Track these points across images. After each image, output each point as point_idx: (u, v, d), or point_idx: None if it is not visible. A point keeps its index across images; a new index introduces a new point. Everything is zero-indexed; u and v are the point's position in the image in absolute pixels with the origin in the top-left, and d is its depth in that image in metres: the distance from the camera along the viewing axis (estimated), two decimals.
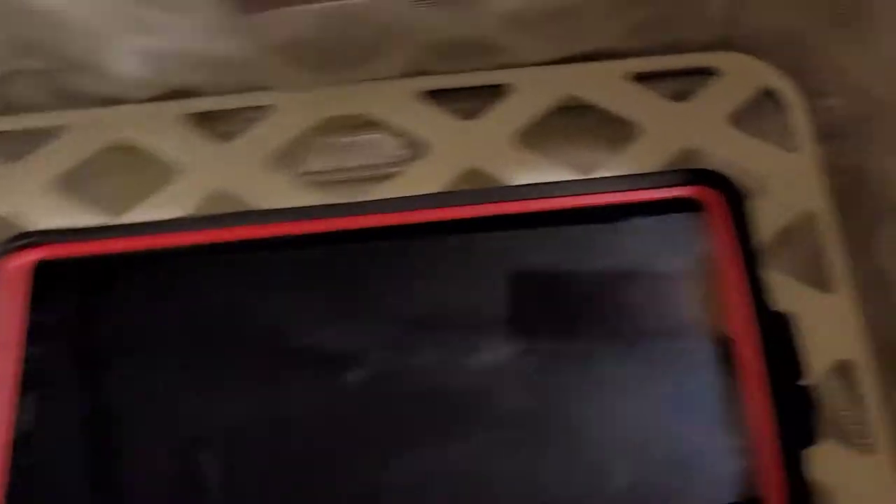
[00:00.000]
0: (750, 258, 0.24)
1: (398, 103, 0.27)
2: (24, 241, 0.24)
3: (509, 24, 0.26)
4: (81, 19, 0.25)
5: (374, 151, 0.28)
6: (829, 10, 0.26)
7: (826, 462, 0.23)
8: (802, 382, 0.23)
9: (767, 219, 0.26)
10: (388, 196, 0.25)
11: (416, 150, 0.28)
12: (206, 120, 0.28)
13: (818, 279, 0.26)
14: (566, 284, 0.24)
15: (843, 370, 0.25)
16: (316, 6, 0.25)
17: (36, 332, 0.23)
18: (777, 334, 0.23)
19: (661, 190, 0.24)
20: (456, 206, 0.24)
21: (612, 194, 0.24)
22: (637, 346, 0.23)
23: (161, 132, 0.27)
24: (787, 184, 0.26)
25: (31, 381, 0.23)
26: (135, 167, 0.27)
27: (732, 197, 0.24)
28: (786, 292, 0.25)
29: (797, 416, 0.22)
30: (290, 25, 0.25)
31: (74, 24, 0.25)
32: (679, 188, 0.24)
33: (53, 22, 0.25)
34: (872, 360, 0.24)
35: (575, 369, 0.23)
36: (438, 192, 0.25)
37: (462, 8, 0.25)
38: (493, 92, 0.28)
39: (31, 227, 0.25)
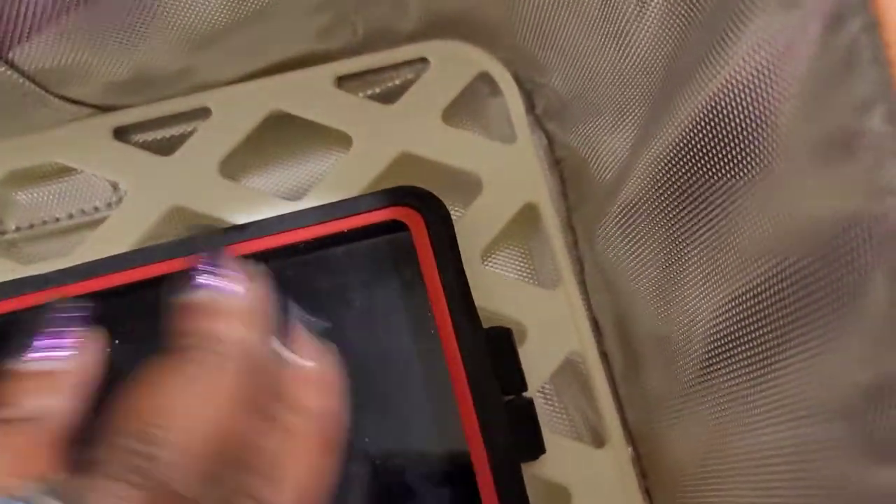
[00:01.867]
0: (455, 277, 0.23)
1: (87, 146, 0.25)
2: None
3: (189, 46, 0.24)
4: None
5: (78, 198, 0.26)
6: None
7: (561, 461, 0.23)
8: (524, 394, 0.22)
9: (489, 216, 0.25)
10: (91, 250, 0.23)
11: (116, 193, 0.26)
12: None
13: (542, 275, 0.25)
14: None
15: (573, 364, 0.24)
16: None
17: None
18: (495, 349, 0.22)
19: (364, 215, 0.23)
20: (161, 261, 0.23)
21: (315, 227, 0.23)
22: (354, 378, 0.22)
23: None
24: (507, 178, 0.25)
25: None
26: None
27: (434, 215, 0.23)
28: (510, 293, 0.24)
29: (518, 429, 0.22)
30: None
31: None
32: (383, 210, 0.23)
33: None
34: (601, 349, 0.24)
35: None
36: (139, 250, 0.23)
37: (133, 41, 0.23)
38: (198, 114, 0.26)
39: None
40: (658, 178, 0.21)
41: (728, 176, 0.18)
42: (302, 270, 0.23)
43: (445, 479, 0.22)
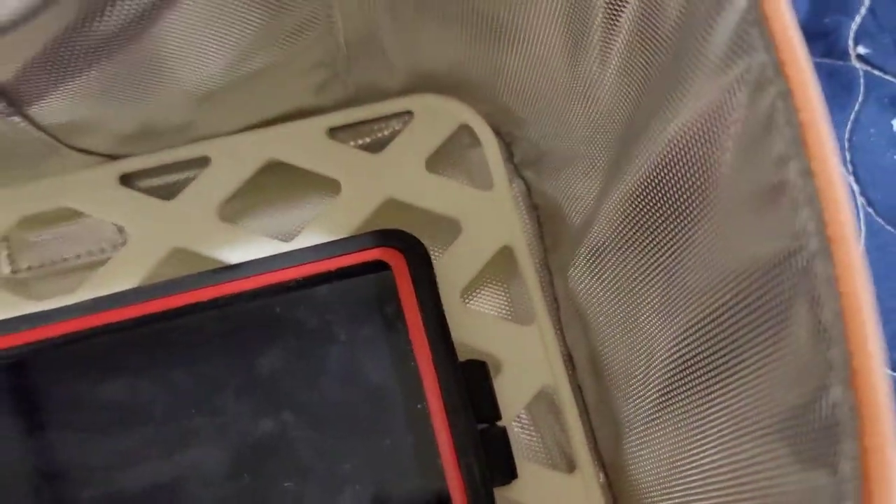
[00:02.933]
0: (433, 313, 0.24)
1: (96, 192, 0.27)
2: None
3: (192, 102, 0.26)
4: None
5: (87, 240, 0.28)
6: (482, 31, 0.26)
7: (533, 485, 0.24)
8: (499, 423, 0.24)
9: (468, 258, 0.27)
10: (96, 287, 0.25)
11: (120, 236, 0.28)
12: None
13: (519, 312, 0.27)
14: (261, 364, 0.24)
15: (547, 395, 0.26)
16: None
17: None
18: (472, 381, 0.24)
19: (350, 255, 0.25)
20: (155, 299, 0.25)
21: (304, 266, 0.25)
22: (339, 406, 0.24)
23: None
24: (485, 222, 0.27)
25: None
26: None
27: (415, 256, 0.25)
28: (488, 328, 0.26)
29: (492, 455, 0.24)
30: None
31: None
32: (368, 251, 0.25)
33: None
34: (572, 382, 0.26)
35: (276, 449, 0.23)
36: (136, 289, 0.25)
37: (141, 98, 0.25)
38: (199, 162, 0.28)
39: None
40: (619, 222, 0.23)
41: (678, 221, 0.20)
42: (291, 306, 0.25)
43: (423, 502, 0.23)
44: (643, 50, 0.20)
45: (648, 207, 0.21)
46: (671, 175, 0.20)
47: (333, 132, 0.28)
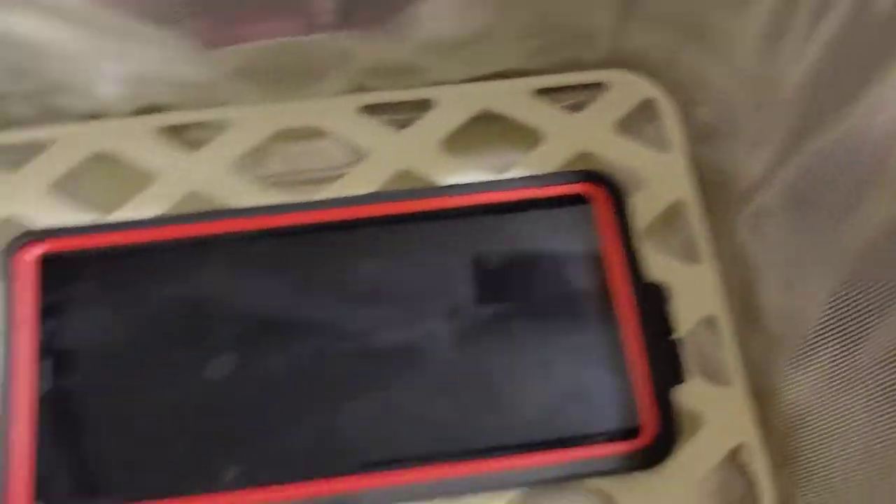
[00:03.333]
0: (628, 240, 0.30)
1: (341, 116, 0.33)
2: (30, 238, 0.29)
3: (430, 50, 0.31)
4: (63, 49, 0.29)
5: (322, 157, 0.33)
6: (691, 28, 0.32)
7: (694, 394, 0.29)
8: (672, 337, 0.29)
9: (647, 207, 0.32)
10: (334, 195, 0.30)
11: (357, 155, 0.33)
12: (175, 131, 0.33)
13: (689, 254, 0.32)
14: (484, 263, 0.29)
15: (709, 323, 0.31)
16: (266, 42, 0.30)
17: (47, 312, 0.28)
18: (652, 300, 0.29)
19: (557, 187, 0.30)
20: (393, 202, 0.30)
21: (518, 191, 0.30)
22: (541, 311, 0.29)
23: (138, 143, 0.32)
24: (662, 179, 0.32)
25: (47, 350, 0.27)
26: (116, 174, 0.32)
27: (614, 192, 0.30)
28: (662, 265, 0.31)
29: (668, 362, 0.28)
30: (244, 56, 0.29)
31: (58, 53, 0.30)
32: (571, 185, 0.30)
33: (40, 52, 0.29)
34: (731, 315, 0.31)
35: (493, 330, 0.28)
36: (377, 192, 0.31)
37: (390, 38, 0.30)
38: (421, 105, 0.34)
39: (33, 227, 0.30)
40: (789, 189, 0.28)
41: (851, 188, 0.25)
42: (507, 221, 0.30)
43: (612, 399, 0.28)
44: (852, 33, 0.25)
45: (817, 182, 0.26)
46: (853, 146, 0.25)
47: (538, 93, 0.34)
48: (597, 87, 0.34)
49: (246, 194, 0.31)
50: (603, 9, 0.31)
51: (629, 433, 0.28)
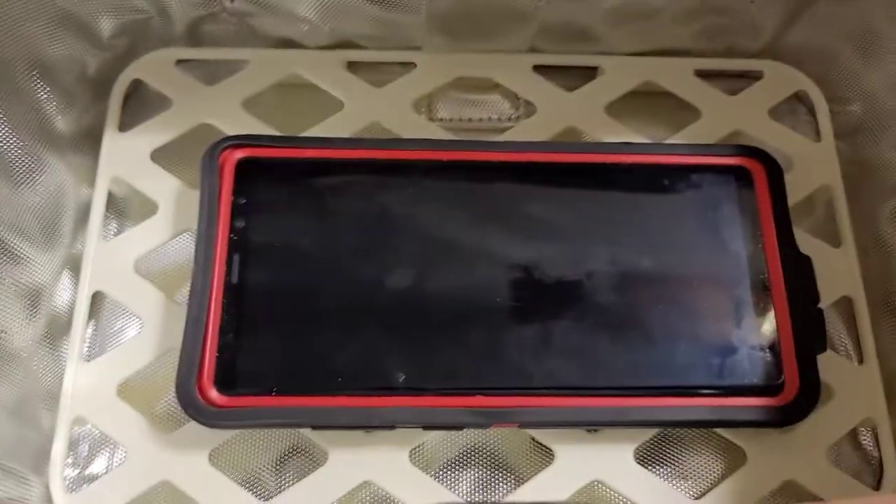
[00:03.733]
0: (783, 214, 0.31)
1: (515, 73, 0.35)
2: (230, 143, 0.31)
3: (610, 19, 0.33)
4: None
5: (493, 108, 0.35)
6: (853, 34, 0.34)
7: (830, 368, 0.31)
8: (818, 306, 0.30)
9: (794, 189, 0.33)
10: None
11: (526, 110, 0.35)
12: (361, 67, 0.35)
13: (830, 237, 0.33)
14: (647, 218, 0.31)
15: (846, 303, 0.32)
16: None
17: (239, 212, 0.30)
18: (800, 269, 0.31)
19: (721, 157, 0.32)
20: (567, 153, 0.32)
21: (684, 156, 0.32)
22: (697, 267, 0.31)
23: (327, 73, 0.34)
24: (810, 164, 0.34)
25: (237, 245, 0.29)
26: (302, 100, 0.34)
27: (773, 169, 0.32)
28: (806, 244, 0.32)
29: (812, 329, 0.30)
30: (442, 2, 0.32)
31: None
32: (734, 158, 0.32)
33: None
34: (867, 298, 0.32)
35: (650, 279, 0.30)
36: (553, 141, 0.33)
37: (581, 2, 0.32)
38: (588, 73, 0.36)
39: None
40: None
41: None
42: (673, 182, 0.32)
43: (758, 356, 0.30)
44: None
45: None
46: None
47: (698, 73, 0.36)
48: (750, 74, 0.36)
49: (423, 132, 0.33)
50: (776, 5, 0.33)
51: (770, 390, 0.29)
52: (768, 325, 0.30)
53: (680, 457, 0.31)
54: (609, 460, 0.29)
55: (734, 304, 0.30)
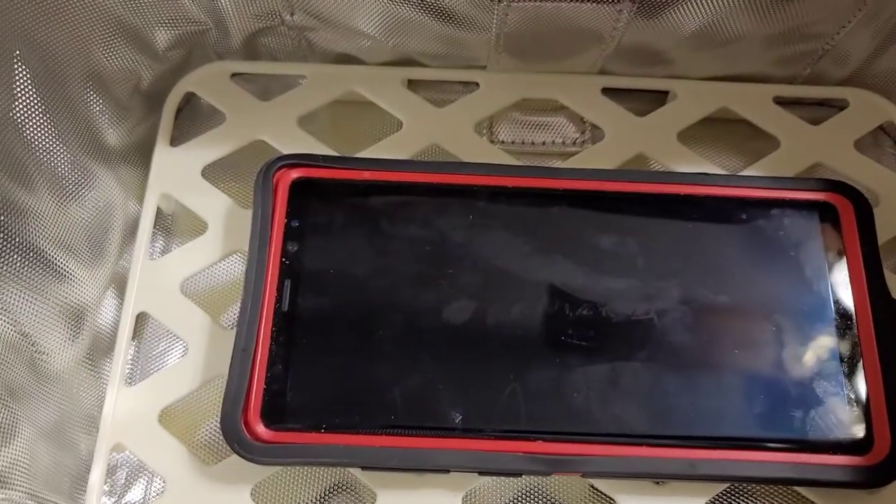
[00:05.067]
0: (872, 255, 0.29)
1: (583, 95, 0.33)
2: (285, 162, 0.29)
3: (687, 43, 0.32)
4: None
5: (557, 132, 0.34)
6: None
7: None
8: None
9: (881, 228, 0.31)
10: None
11: (592, 135, 0.33)
12: (419, 86, 0.33)
13: None
14: (723, 254, 0.29)
15: None
16: (535, 3, 0.30)
17: (293, 234, 0.29)
18: (891, 316, 0.28)
19: (804, 192, 0.30)
20: (638, 182, 0.30)
21: (764, 190, 0.30)
22: (778, 310, 0.28)
23: (386, 91, 0.33)
24: None
25: (289, 270, 0.28)
26: (359, 118, 0.33)
27: (861, 206, 0.30)
28: (894, 286, 0.30)
29: None
30: (518, 17, 0.30)
31: None
32: (819, 193, 0.30)
33: None
34: None
35: (727, 321, 0.28)
36: (626, 169, 0.31)
37: (656, 23, 0.30)
38: (659, 97, 0.34)
39: (280, 153, 0.31)
40: None
41: None
42: (748, 219, 0.30)
43: (843, 410, 0.27)
44: None
45: None
46: None
47: (776, 100, 0.33)
48: (832, 103, 0.34)
49: (484, 154, 0.32)
50: (867, 31, 0.31)
51: (858, 447, 0.27)
52: (856, 376, 0.28)
53: None
54: None
55: (818, 352, 0.28)
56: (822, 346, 0.28)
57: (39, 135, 0.26)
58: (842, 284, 0.29)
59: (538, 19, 0.29)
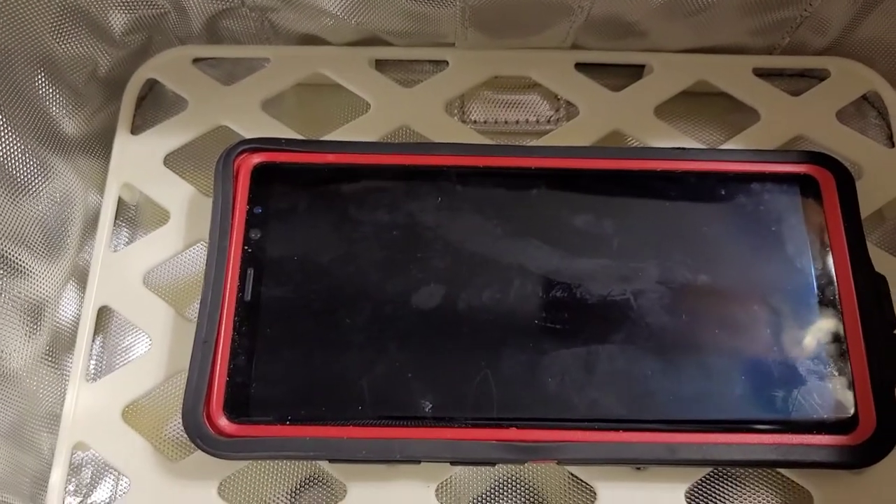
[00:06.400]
0: (855, 228, 0.28)
1: (556, 71, 0.32)
2: (246, 147, 0.29)
3: (660, 13, 0.30)
4: None
5: (531, 110, 0.33)
6: None
7: None
8: (895, 331, 0.27)
9: (863, 200, 0.30)
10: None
11: (567, 112, 0.32)
12: (388, 65, 0.32)
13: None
14: (702, 230, 0.28)
15: None
16: None
17: (255, 221, 0.28)
18: (874, 290, 0.27)
19: (785, 165, 0.29)
20: (612, 158, 0.29)
21: (744, 163, 0.29)
22: (758, 287, 0.27)
23: (352, 72, 0.32)
24: (881, 173, 0.31)
25: (252, 258, 0.27)
26: (326, 101, 0.32)
27: (844, 178, 0.29)
28: (878, 261, 0.29)
29: (889, 356, 0.27)
30: None
31: None
32: (800, 165, 0.29)
33: None
34: None
35: (705, 299, 0.27)
36: (599, 147, 0.30)
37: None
38: (634, 71, 0.33)
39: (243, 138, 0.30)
40: None
41: None
42: (728, 194, 0.29)
43: (827, 388, 0.26)
44: None
45: None
46: None
47: (756, 72, 0.32)
48: (814, 73, 0.33)
49: (452, 136, 0.31)
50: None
51: (842, 427, 0.26)
52: (839, 353, 0.27)
53: (737, 498, 0.28)
54: (657, 501, 0.26)
55: (800, 329, 0.27)
56: (805, 324, 0.27)
57: None
58: (824, 260, 0.28)
59: None
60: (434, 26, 0.31)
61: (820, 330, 0.27)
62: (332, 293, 0.27)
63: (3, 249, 0.26)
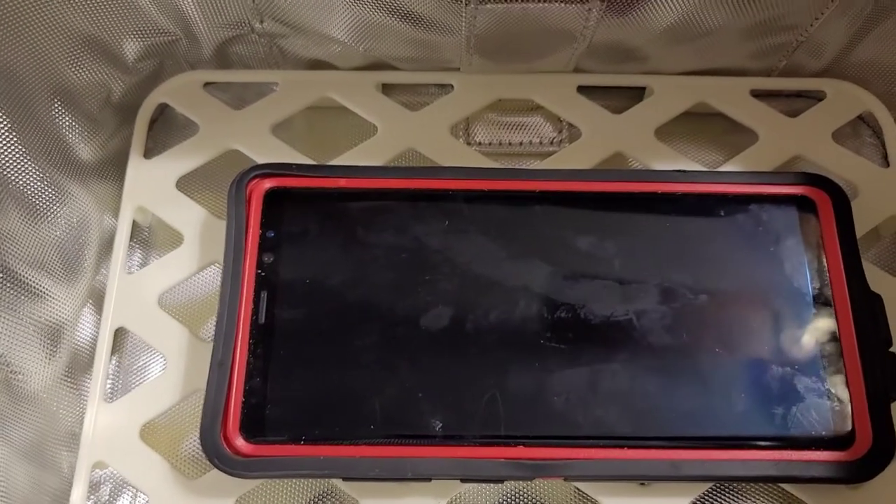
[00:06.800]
0: (851, 248, 0.29)
1: (558, 94, 0.33)
2: (258, 172, 0.29)
3: (662, 39, 0.31)
4: None
5: (534, 132, 0.33)
6: None
7: None
8: (890, 349, 0.28)
9: (859, 219, 0.31)
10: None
11: (569, 134, 0.33)
12: (393, 89, 0.33)
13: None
14: (701, 252, 0.29)
15: None
16: (503, 6, 0.30)
17: (268, 245, 0.28)
18: (870, 309, 0.28)
19: (782, 186, 0.30)
20: (614, 181, 0.30)
21: (741, 185, 0.30)
22: (756, 307, 0.28)
23: (360, 96, 0.32)
24: (877, 192, 0.31)
25: (265, 281, 0.28)
26: (334, 124, 0.32)
27: (839, 199, 0.29)
28: (874, 280, 0.30)
29: (886, 374, 0.27)
30: (487, 19, 0.30)
31: None
32: (797, 187, 0.30)
33: None
34: None
35: (705, 319, 0.28)
36: (602, 169, 0.31)
37: (627, 20, 0.30)
38: (636, 93, 0.33)
39: (253, 163, 0.31)
40: None
41: None
42: (726, 215, 0.29)
43: (824, 405, 0.27)
44: None
45: None
46: None
47: (754, 93, 0.33)
48: (810, 94, 0.34)
49: (458, 158, 0.31)
50: (842, 21, 0.31)
51: (840, 443, 0.27)
52: (836, 371, 0.27)
53: None
54: None
55: (798, 348, 0.28)
56: (803, 341, 0.28)
57: (7, 155, 0.26)
58: (821, 279, 0.29)
59: (507, 21, 0.29)
60: (440, 53, 0.31)
61: (817, 348, 0.28)
62: (343, 315, 0.28)
63: (22, 274, 0.27)
